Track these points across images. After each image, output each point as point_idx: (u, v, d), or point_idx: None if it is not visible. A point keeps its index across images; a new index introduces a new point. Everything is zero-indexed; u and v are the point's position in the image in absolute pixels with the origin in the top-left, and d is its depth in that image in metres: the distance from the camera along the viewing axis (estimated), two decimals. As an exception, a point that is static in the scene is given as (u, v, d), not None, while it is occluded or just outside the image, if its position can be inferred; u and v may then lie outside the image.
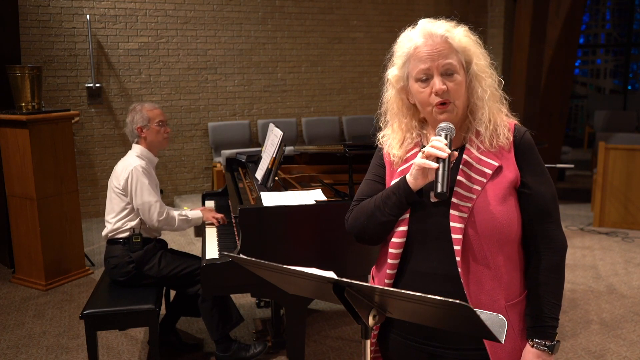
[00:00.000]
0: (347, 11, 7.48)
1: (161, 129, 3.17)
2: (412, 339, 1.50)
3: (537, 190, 1.46)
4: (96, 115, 6.33)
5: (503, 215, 1.41)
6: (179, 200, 6.66)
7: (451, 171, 1.43)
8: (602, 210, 5.78)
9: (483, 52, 1.49)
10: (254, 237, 2.47)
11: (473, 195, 1.41)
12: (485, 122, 1.46)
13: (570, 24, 6.93)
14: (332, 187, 3.01)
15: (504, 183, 1.43)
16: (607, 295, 4.09)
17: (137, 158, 3.10)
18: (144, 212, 3.02)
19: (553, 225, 1.48)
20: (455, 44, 1.43)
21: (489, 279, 1.42)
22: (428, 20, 1.48)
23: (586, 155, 9.90)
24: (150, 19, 6.50)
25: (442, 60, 1.41)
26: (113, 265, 3.03)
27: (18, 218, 4.35)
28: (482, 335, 1.11)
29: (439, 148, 1.36)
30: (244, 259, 1.29)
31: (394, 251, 1.49)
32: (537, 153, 1.50)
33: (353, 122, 7.60)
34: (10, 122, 4.19)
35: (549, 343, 1.43)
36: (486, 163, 1.44)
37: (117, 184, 3.07)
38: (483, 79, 1.46)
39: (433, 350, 1.48)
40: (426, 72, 1.43)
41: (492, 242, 1.41)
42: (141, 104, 3.19)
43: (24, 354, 3.30)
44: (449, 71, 1.42)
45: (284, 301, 2.60)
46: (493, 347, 1.42)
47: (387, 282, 1.51)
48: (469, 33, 1.49)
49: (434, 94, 1.43)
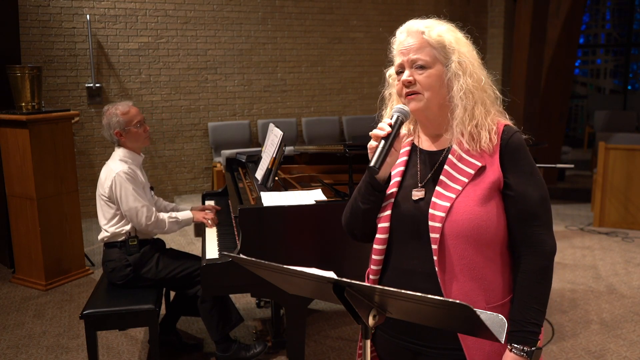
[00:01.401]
0: (347, 11, 7.48)
1: (140, 130, 3.07)
2: (397, 336, 1.52)
3: (522, 191, 1.43)
4: (96, 115, 6.33)
5: (482, 217, 1.40)
6: (179, 200, 6.66)
7: (435, 171, 1.48)
8: (602, 210, 5.78)
9: (468, 51, 1.48)
10: (254, 237, 2.47)
11: (453, 195, 1.42)
12: (462, 120, 1.45)
13: (570, 24, 6.93)
14: (332, 187, 3.01)
15: (485, 184, 1.42)
16: (607, 295, 4.09)
17: (119, 162, 3.02)
18: (132, 218, 2.97)
19: (540, 228, 1.44)
20: (431, 39, 1.45)
21: (467, 279, 1.41)
22: (416, 19, 1.51)
23: (586, 155, 9.90)
24: (150, 19, 6.50)
25: (413, 54, 1.45)
26: (111, 268, 3.02)
27: (18, 218, 4.35)
28: (482, 335, 1.11)
29: (380, 128, 1.43)
30: (244, 259, 1.29)
31: (378, 247, 1.52)
32: (525, 154, 1.47)
33: (353, 122, 7.60)
34: (10, 122, 4.19)
35: (527, 349, 1.39)
36: (469, 163, 1.44)
37: (102, 192, 3.02)
38: (461, 76, 1.45)
39: (416, 348, 1.50)
40: (401, 66, 1.48)
41: (471, 243, 1.40)
42: (114, 106, 3.06)
43: (24, 354, 3.30)
44: (419, 65, 1.45)
45: (284, 301, 2.60)
46: (469, 349, 1.43)
47: (372, 278, 1.55)
48: (454, 31, 1.50)
49: (402, 85, 1.47)
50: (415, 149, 1.57)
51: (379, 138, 1.42)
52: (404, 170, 1.54)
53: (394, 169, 1.55)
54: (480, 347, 1.43)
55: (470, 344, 1.43)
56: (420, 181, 1.50)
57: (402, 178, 1.54)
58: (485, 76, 1.50)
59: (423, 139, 1.57)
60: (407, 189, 1.50)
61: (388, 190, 1.52)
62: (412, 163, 1.55)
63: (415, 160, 1.55)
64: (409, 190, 1.50)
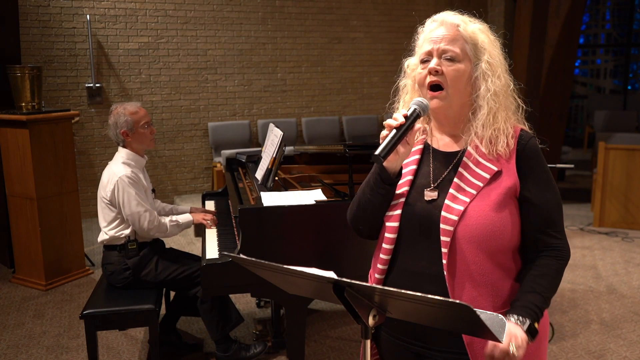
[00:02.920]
0: (347, 11, 7.48)
1: (147, 131, 3.06)
2: (400, 338, 1.50)
3: (541, 199, 1.41)
4: (96, 115, 6.33)
5: (496, 222, 1.38)
6: (179, 200, 6.66)
7: (449, 172, 1.44)
8: (602, 210, 5.78)
9: (498, 54, 1.46)
10: (254, 237, 2.47)
11: (467, 199, 1.39)
12: (484, 122, 1.41)
13: (570, 24, 6.92)
14: (332, 187, 3.01)
15: (501, 189, 1.39)
16: (607, 295, 4.09)
17: (122, 166, 2.99)
18: (134, 222, 2.96)
19: (558, 234, 1.43)
20: (465, 34, 1.43)
21: (476, 284, 1.39)
22: (450, 12, 1.49)
23: (586, 155, 9.90)
24: (150, 19, 6.50)
25: (445, 44, 1.42)
26: (110, 271, 3.02)
27: (18, 218, 4.35)
28: (482, 335, 1.11)
29: (394, 118, 1.37)
30: (245, 259, 1.29)
31: (386, 246, 1.48)
32: (541, 160, 1.45)
33: (353, 122, 7.60)
34: (10, 122, 4.18)
35: (522, 319, 1.34)
36: (485, 167, 1.41)
37: (104, 195, 3.00)
38: (490, 77, 1.42)
39: (419, 350, 1.48)
40: (429, 54, 1.44)
41: (483, 248, 1.37)
42: (123, 106, 3.05)
43: (24, 354, 3.30)
44: (450, 56, 1.41)
45: (284, 301, 2.60)
46: (474, 353, 1.40)
47: (377, 277, 1.51)
48: (488, 32, 1.48)
49: (428, 73, 1.42)
50: (428, 148, 1.53)
51: (392, 128, 1.36)
52: (415, 169, 1.50)
53: (406, 166, 1.50)
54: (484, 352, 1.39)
55: (477, 350, 1.39)
56: (433, 181, 1.46)
57: (414, 177, 1.50)
58: (511, 85, 1.48)
59: (437, 137, 1.53)
60: (419, 188, 1.47)
61: (399, 189, 1.48)
62: (424, 162, 1.51)
63: (428, 160, 1.51)
64: (421, 190, 1.46)
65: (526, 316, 1.34)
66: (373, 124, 7.68)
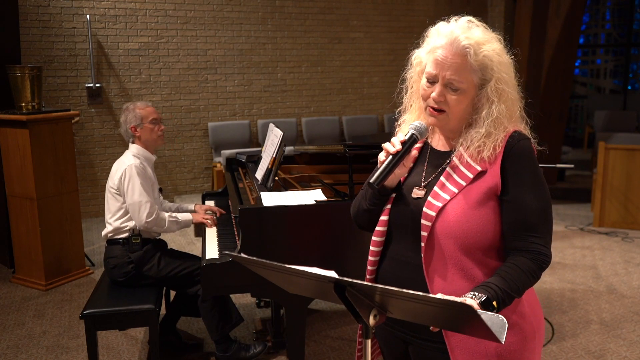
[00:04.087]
0: (347, 11, 7.48)
1: (155, 127, 3.14)
2: (391, 325, 1.58)
3: (520, 200, 1.40)
4: (96, 115, 6.33)
5: (475, 220, 1.40)
6: (179, 200, 6.66)
7: (439, 172, 1.50)
8: (602, 210, 5.78)
9: (508, 74, 1.45)
10: (254, 237, 2.47)
11: (447, 196, 1.43)
12: (477, 136, 1.43)
13: (570, 24, 6.93)
14: (332, 187, 3.01)
15: (482, 188, 1.41)
16: (607, 295, 4.09)
17: (132, 157, 3.08)
18: (134, 212, 3.00)
19: (538, 240, 1.39)
20: (473, 60, 1.40)
21: (457, 278, 1.42)
22: (469, 20, 1.46)
23: (586, 155, 9.90)
24: (150, 19, 6.50)
25: (450, 73, 1.40)
26: (112, 265, 3.03)
27: (18, 218, 4.35)
28: (483, 335, 1.11)
29: (392, 143, 1.44)
30: (247, 259, 1.29)
31: (376, 239, 1.57)
32: (529, 162, 1.43)
33: (353, 122, 7.60)
34: (10, 122, 4.18)
35: (478, 295, 1.29)
36: (470, 167, 1.44)
37: (112, 184, 3.07)
38: (495, 103, 1.42)
39: (407, 338, 1.55)
40: (433, 77, 1.44)
41: (460, 244, 1.41)
42: (133, 103, 3.17)
43: (24, 354, 3.30)
44: (453, 86, 1.41)
45: (284, 301, 2.60)
46: (453, 349, 1.44)
47: (369, 269, 1.59)
48: (502, 52, 1.45)
49: (431, 99, 1.45)
50: (427, 146, 1.59)
51: (389, 154, 1.43)
52: (411, 167, 1.57)
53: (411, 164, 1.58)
54: (464, 347, 1.44)
55: (454, 343, 1.44)
56: (424, 180, 1.52)
57: (407, 174, 1.57)
58: (518, 99, 1.48)
59: (436, 136, 1.59)
60: (409, 186, 1.53)
61: None
62: (420, 161, 1.57)
63: (424, 159, 1.57)
64: (411, 188, 1.53)
65: (483, 292, 1.30)
66: (373, 124, 7.68)
